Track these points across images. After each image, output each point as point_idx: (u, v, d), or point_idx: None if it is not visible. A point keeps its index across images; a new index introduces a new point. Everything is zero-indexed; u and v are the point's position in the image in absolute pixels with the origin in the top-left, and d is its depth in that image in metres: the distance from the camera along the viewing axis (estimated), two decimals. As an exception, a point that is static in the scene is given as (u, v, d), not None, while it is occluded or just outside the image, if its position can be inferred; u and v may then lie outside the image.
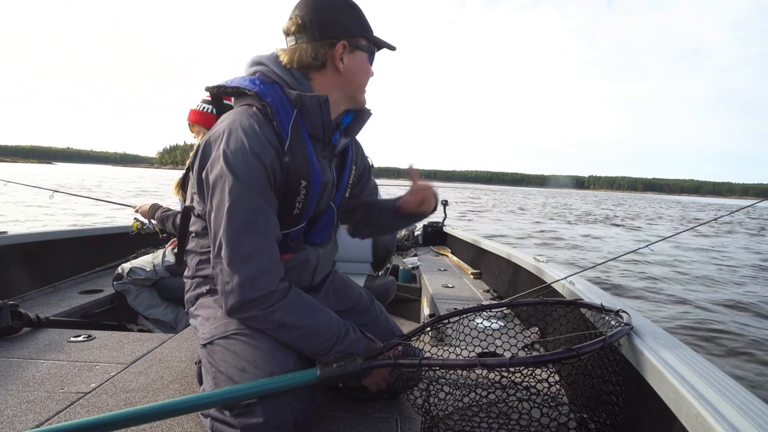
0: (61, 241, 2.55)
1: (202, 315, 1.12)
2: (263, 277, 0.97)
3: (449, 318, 1.19)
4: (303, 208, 1.08)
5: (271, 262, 0.98)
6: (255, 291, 0.96)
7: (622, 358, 0.98)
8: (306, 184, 1.06)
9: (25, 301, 2.10)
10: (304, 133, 1.07)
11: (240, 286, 0.95)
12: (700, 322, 4.77)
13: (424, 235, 4.86)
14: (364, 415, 1.14)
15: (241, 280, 0.95)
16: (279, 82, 1.07)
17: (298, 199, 1.06)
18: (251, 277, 0.95)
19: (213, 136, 1.03)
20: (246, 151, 0.96)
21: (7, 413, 1.07)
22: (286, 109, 1.04)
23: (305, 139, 1.06)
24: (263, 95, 1.02)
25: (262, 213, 0.98)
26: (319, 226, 1.20)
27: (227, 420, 0.92)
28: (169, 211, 2.21)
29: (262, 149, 0.98)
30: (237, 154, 0.96)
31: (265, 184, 0.99)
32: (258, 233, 0.97)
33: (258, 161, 0.97)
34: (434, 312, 2.38)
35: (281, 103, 1.04)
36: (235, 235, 0.96)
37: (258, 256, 0.96)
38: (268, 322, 0.99)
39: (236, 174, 0.95)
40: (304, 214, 1.10)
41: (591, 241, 12.51)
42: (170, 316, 2.29)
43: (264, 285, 0.96)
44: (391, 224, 1.43)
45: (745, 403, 0.69)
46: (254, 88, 1.03)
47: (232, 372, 0.96)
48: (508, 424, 0.97)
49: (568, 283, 1.67)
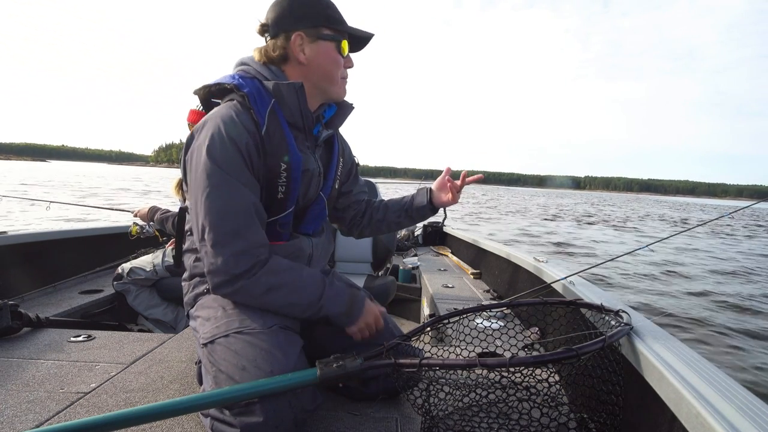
0: (61, 241, 2.54)
1: (202, 315, 1.13)
2: (246, 254, 1.02)
3: (449, 318, 1.19)
4: (287, 192, 1.12)
5: (253, 240, 1.03)
6: (239, 267, 1.01)
7: (622, 358, 0.98)
8: (286, 166, 1.10)
9: (25, 301, 2.10)
10: (282, 120, 1.11)
11: (225, 263, 1.01)
12: (701, 322, 4.77)
13: (424, 235, 4.86)
14: (364, 415, 1.14)
15: (225, 258, 1.01)
16: (258, 76, 1.12)
17: (280, 181, 1.10)
18: (234, 254, 1.01)
19: (196, 128, 1.09)
20: (223, 136, 1.02)
21: (7, 413, 1.07)
22: (264, 99, 1.09)
23: (283, 125, 1.11)
24: (240, 87, 1.08)
25: (240, 194, 1.02)
26: (310, 216, 1.23)
27: (227, 419, 0.92)
28: (168, 212, 2.22)
29: (237, 134, 1.03)
30: (214, 140, 1.02)
31: (242, 167, 1.03)
32: (238, 213, 1.02)
33: (234, 145, 1.02)
34: (434, 312, 2.38)
35: (258, 93, 1.09)
36: (216, 217, 1.01)
37: (240, 235, 1.02)
38: (257, 288, 1.04)
39: (214, 159, 1.01)
40: (290, 198, 1.13)
41: (591, 242, 12.51)
42: (170, 316, 2.29)
43: (247, 260, 1.02)
44: (398, 223, 1.47)
45: (745, 403, 0.69)
46: (232, 81, 1.10)
47: (233, 371, 0.96)
48: (508, 424, 0.97)
49: (568, 283, 1.67)
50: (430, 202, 1.41)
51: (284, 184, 1.11)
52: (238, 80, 1.10)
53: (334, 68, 1.15)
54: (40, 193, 16.20)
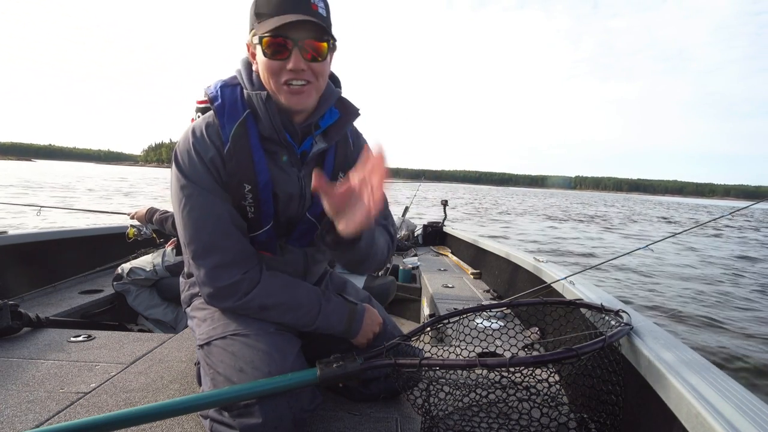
0: (61, 241, 2.54)
1: (198, 316, 1.13)
2: (224, 269, 1.01)
3: (449, 318, 1.19)
4: (257, 213, 1.05)
5: (229, 254, 1.02)
6: (219, 281, 1.01)
7: (622, 358, 0.98)
8: (251, 188, 1.02)
9: (25, 301, 2.10)
10: (253, 135, 1.02)
11: (205, 277, 1.02)
12: (700, 321, 4.77)
13: (424, 235, 4.87)
14: (364, 415, 1.14)
15: (205, 272, 1.01)
16: (241, 83, 1.05)
17: (245, 203, 1.03)
18: (212, 268, 1.01)
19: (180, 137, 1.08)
20: (190, 150, 1.01)
21: (7, 413, 1.07)
22: (236, 112, 1.02)
23: (252, 141, 1.02)
24: (213, 99, 1.03)
25: (214, 205, 1.01)
26: (296, 234, 1.14)
27: (226, 421, 0.92)
28: (166, 213, 2.22)
29: (203, 147, 1.01)
30: (183, 153, 1.02)
31: (211, 181, 1.01)
32: (213, 228, 1.01)
33: (200, 159, 1.00)
34: (434, 312, 2.38)
35: (232, 106, 1.02)
36: (193, 230, 1.01)
37: (215, 250, 1.01)
38: (249, 309, 1.04)
39: (184, 172, 1.00)
40: (263, 218, 1.06)
41: (591, 242, 12.51)
42: (170, 316, 2.29)
43: (227, 276, 1.01)
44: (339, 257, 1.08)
45: (745, 403, 0.69)
46: (210, 92, 1.05)
47: (231, 373, 0.96)
48: (508, 424, 0.97)
49: (568, 283, 1.67)
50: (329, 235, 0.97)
51: (252, 206, 1.04)
52: (217, 90, 1.04)
53: (267, 74, 0.97)
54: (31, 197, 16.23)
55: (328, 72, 1.04)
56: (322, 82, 1.01)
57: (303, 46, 0.94)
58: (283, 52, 0.94)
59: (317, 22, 0.92)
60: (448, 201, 5.42)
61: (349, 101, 1.16)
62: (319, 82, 1.00)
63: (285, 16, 0.91)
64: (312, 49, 0.95)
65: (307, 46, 0.94)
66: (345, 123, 1.13)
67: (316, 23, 0.92)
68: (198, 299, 1.17)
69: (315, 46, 0.95)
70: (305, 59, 0.95)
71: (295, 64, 0.94)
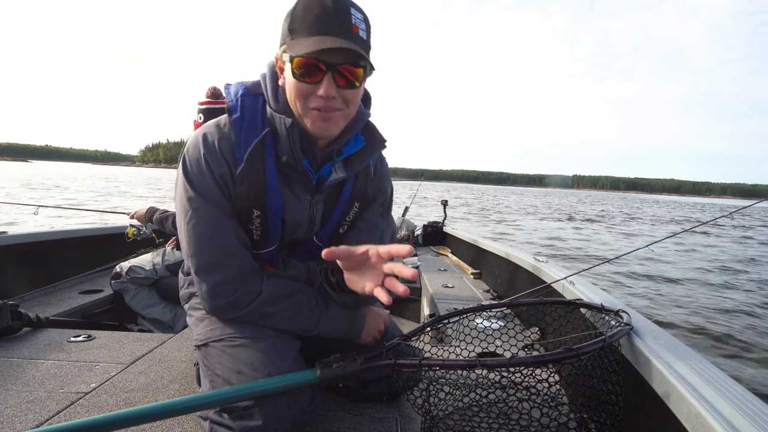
0: (60, 241, 2.54)
1: (195, 316, 1.12)
2: (226, 286, 0.99)
3: (449, 318, 1.19)
4: (263, 236, 1.02)
5: (232, 271, 0.99)
6: (221, 298, 0.99)
7: (622, 358, 0.98)
8: (260, 213, 0.99)
9: (25, 301, 2.10)
10: (270, 158, 0.97)
11: (207, 293, 1.00)
12: (700, 321, 4.77)
13: (424, 235, 4.86)
14: (364, 415, 1.14)
15: (208, 287, 0.99)
16: (264, 95, 0.98)
17: (252, 227, 1.00)
18: (215, 285, 0.98)
19: (189, 139, 1.02)
20: (200, 159, 0.96)
21: (7, 413, 1.07)
22: (255, 129, 0.96)
23: (268, 165, 0.97)
24: (233, 110, 0.97)
25: (220, 223, 0.97)
26: (299, 253, 1.12)
27: (226, 423, 0.92)
28: (167, 212, 2.21)
29: (214, 161, 0.95)
30: (193, 162, 0.97)
31: (219, 196, 0.97)
32: (218, 244, 0.97)
33: (210, 172, 0.95)
34: (434, 312, 2.38)
35: (251, 121, 0.96)
36: (197, 245, 0.98)
37: (219, 267, 0.98)
38: (250, 317, 1.03)
39: (192, 183, 0.96)
40: (269, 241, 1.04)
41: (591, 241, 12.50)
42: (168, 315, 2.28)
43: (229, 292, 0.99)
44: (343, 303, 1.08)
45: (745, 403, 0.69)
46: (230, 101, 0.98)
47: (229, 375, 0.95)
48: (508, 424, 0.97)
49: (568, 283, 1.67)
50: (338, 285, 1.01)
51: (258, 230, 1.01)
52: (235, 99, 0.97)
53: (294, 95, 0.90)
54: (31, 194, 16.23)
55: (360, 98, 0.96)
56: (352, 109, 0.94)
57: (337, 72, 0.86)
58: (315, 74, 0.86)
59: (356, 49, 0.84)
60: (448, 201, 5.43)
61: (377, 129, 1.09)
62: (349, 109, 0.93)
63: (322, 39, 0.82)
64: (347, 75, 0.87)
65: (342, 71, 0.86)
66: (369, 153, 1.06)
67: (355, 49, 0.84)
68: (197, 298, 1.16)
69: (350, 72, 0.87)
70: (338, 85, 0.87)
71: (326, 91, 0.86)
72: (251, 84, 1.01)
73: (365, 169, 1.11)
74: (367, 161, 1.07)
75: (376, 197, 1.16)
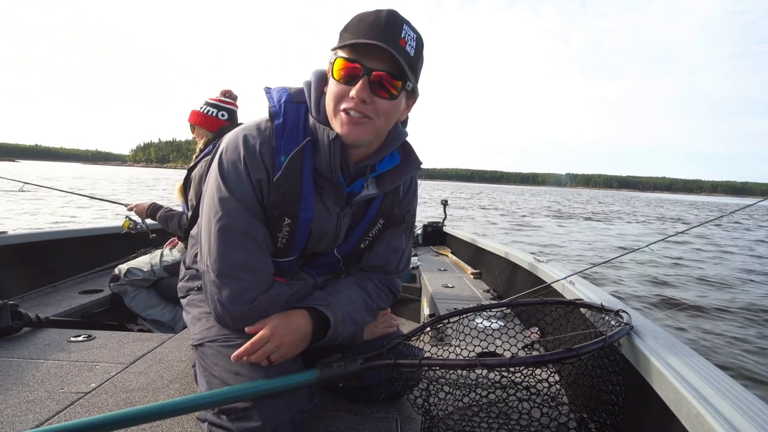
0: (60, 241, 2.55)
1: (192, 313, 1.12)
2: (251, 291, 0.96)
3: (449, 318, 1.19)
4: (288, 244, 1.02)
5: (257, 277, 0.97)
6: (243, 304, 0.96)
7: (622, 358, 0.98)
8: (290, 222, 0.98)
9: (25, 301, 2.10)
10: (308, 168, 0.96)
11: (229, 299, 0.95)
12: (700, 321, 4.77)
13: (424, 235, 4.86)
14: (364, 415, 1.14)
15: (231, 292, 0.95)
16: (307, 103, 0.97)
17: (280, 235, 1.00)
18: (240, 290, 0.95)
19: (225, 138, 1.00)
20: (239, 162, 0.94)
21: (7, 413, 1.07)
22: (296, 137, 0.95)
23: (305, 175, 0.96)
24: (275, 116, 0.96)
25: (253, 227, 0.96)
26: (317, 264, 1.12)
27: (224, 424, 0.91)
28: (170, 210, 2.19)
29: (253, 166, 0.94)
30: (231, 164, 0.95)
31: (254, 200, 0.96)
32: (249, 247, 0.96)
33: (248, 176, 0.95)
34: (434, 312, 2.38)
35: (293, 129, 0.95)
36: (225, 247, 0.95)
37: (248, 271, 0.96)
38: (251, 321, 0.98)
39: (228, 184, 0.94)
40: (291, 250, 1.03)
41: (591, 242, 12.51)
42: (168, 316, 2.28)
43: (252, 297, 0.96)
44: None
45: (745, 403, 0.69)
46: (272, 106, 0.97)
47: (226, 376, 0.95)
48: (508, 424, 0.97)
49: (568, 283, 1.67)
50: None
51: (285, 238, 1.00)
52: (278, 105, 0.96)
53: (330, 97, 0.91)
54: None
55: (396, 115, 0.95)
56: (384, 122, 0.92)
57: (373, 77, 0.86)
58: (352, 77, 0.86)
59: (396, 57, 0.84)
60: (448, 200, 5.42)
61: (413, 149, 1.08)
62: (380, 120, 0.91)
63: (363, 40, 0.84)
64: (383, 83, 0.87)
65: (377, 77, 0.86)
66: (402, 173, 1.06)
67: (396, 58, 0.84)
68: (195, 293, 1.15)
69: (386, 80, 0.87)
70: (371, 91, 0.87)
71: (357, 93, 0.86)
72: (295, 91, 1.00)
73: (395, 189, 1.11)
74: (399, 181, 1.07)
75: (402, 217, 1.18)
